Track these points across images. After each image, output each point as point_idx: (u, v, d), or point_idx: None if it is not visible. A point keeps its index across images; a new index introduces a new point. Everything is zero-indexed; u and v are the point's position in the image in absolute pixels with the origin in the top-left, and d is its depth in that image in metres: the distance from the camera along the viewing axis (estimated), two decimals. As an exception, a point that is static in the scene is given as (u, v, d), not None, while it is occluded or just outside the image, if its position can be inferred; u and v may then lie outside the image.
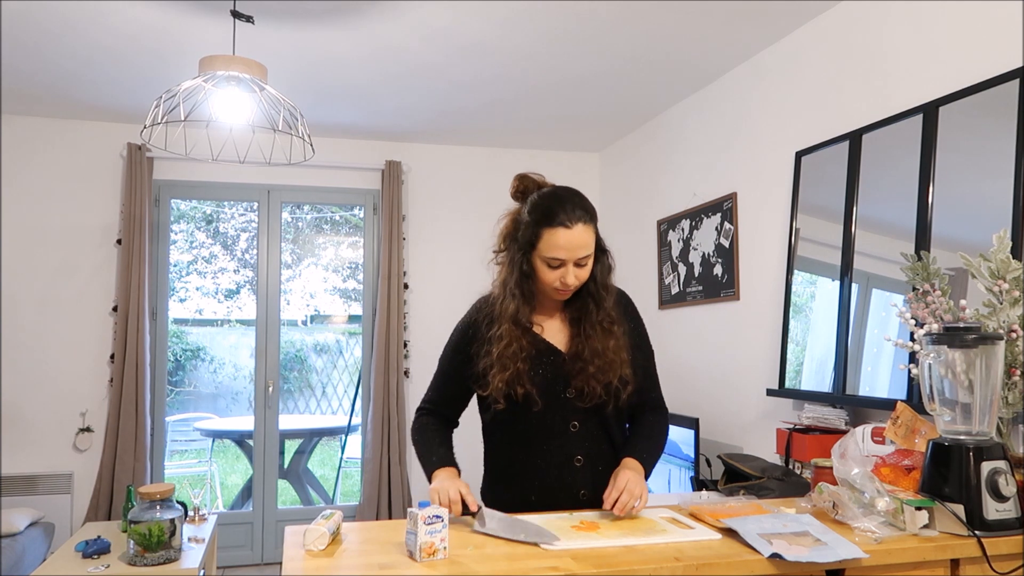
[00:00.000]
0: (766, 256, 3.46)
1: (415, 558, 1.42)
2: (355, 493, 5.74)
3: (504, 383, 1.76)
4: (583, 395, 1.81)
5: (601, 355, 1.79)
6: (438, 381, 1.97)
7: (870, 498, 1.65)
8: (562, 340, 1.86)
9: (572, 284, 1.76)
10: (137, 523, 2.91)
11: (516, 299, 1.78)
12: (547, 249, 1.74)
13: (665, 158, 4.43)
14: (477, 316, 1.88)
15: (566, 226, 1.72)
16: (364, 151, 4.99)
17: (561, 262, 1.74)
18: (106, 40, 3.37)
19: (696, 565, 1.40)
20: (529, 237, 1.76)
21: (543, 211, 1.75)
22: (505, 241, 1.85)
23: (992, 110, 2.32)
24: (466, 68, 3.74)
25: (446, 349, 1.95)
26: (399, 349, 4.80)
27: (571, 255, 1.73)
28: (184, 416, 6.53)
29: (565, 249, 1.73)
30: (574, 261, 1.74)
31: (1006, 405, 1.84)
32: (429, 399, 1.98)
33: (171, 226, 4.82)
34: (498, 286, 1.85)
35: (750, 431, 3.50)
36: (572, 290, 1.80)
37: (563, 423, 1.83)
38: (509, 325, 1.78)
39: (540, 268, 1.77)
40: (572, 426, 1.83)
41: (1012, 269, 1.86)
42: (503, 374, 1.76)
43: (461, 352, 1.89)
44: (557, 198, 1.77)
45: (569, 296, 1.83)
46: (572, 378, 1.81)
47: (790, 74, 3.33)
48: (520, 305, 1.79)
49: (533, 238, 1.75)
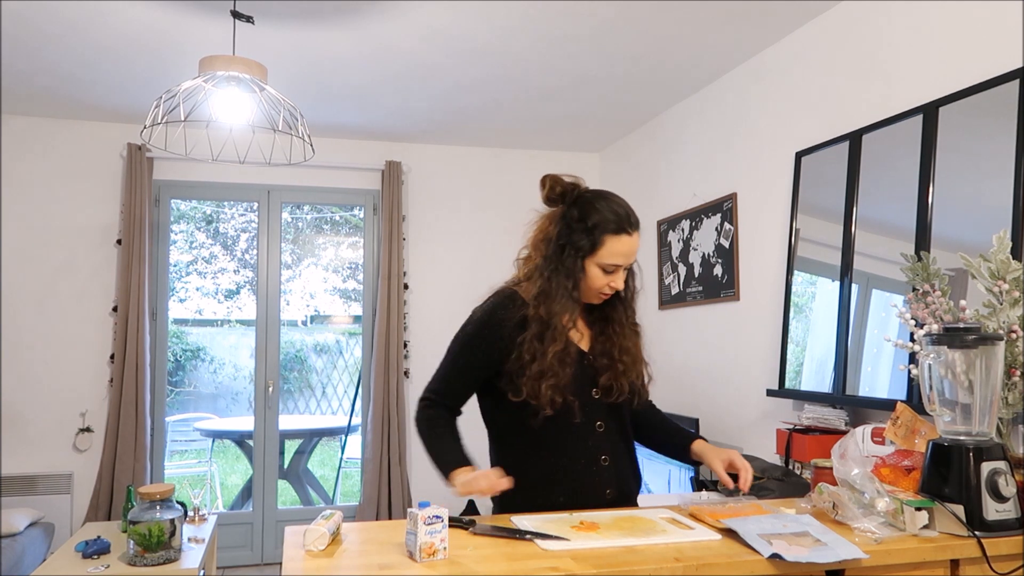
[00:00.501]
0: (766, 256, 3.46)
1: (415, 558, 1.42)
2: (355, 493, 5.74)
3: (551, 390, 1.73)
4: (610, 393, 1.83)
5: (629, 353, 1.84)
6: (448, 373, 1.87)
7: (870, 498, 1.65)
8: (585, 341, 1.87)
9: (619, 288, 1.80)
10: (137, 523, 2.91)
11: (575, 304, 1.77)
12: (608, 255, 1.75)
13: (665, 158, 4.44)
14: (503, 313, 1.80)
15: (629, 233, 1.76)
16: (364, 151, 4.99)
17: (616, 267, 1.77)
18: (106, 40, 3.37)
19: (696, 565, 1.40)
20: (590, 243, 1.75)
21: (609, 218, 1.75)
22: (547, 245, 1.80)
23: (992, 111, 2.32)
24: (466, 68, 3.74)
25: (460, 340, 1.85)
26: (399, 349, 4.80)
27: (627, 261, 1.78)
28: (184, 416, 6.53)
29: (625, 255, 1.76)
30: (625, 266, 1.79)
31: (1006, 405, 1.84)
32: (435, 390, 1.88)
33: (171, 226, 4.83)
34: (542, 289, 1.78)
35: (750, 431, 3.50)
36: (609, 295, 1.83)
37: (590, 423, 1.83)
38: (563, 329, 1.76)
39: (593, 273, 1.77)
40: (598, 426, 1.84)
41: (1012, 270, 1.86)
42: (553, 381, 1.73)
43: (480, 347, 1.82)
44: (615, 202, 1.78)
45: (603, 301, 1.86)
46: (599, 377, 1.83)
47: (790, 74, 3.33)
48: (576, 309, 1.78)
49: (594, 244, 1.75)
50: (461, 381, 1.88)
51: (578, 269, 1.77)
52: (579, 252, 1.76)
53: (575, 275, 1.76)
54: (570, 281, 1.76)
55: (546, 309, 1.75)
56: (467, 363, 1.85)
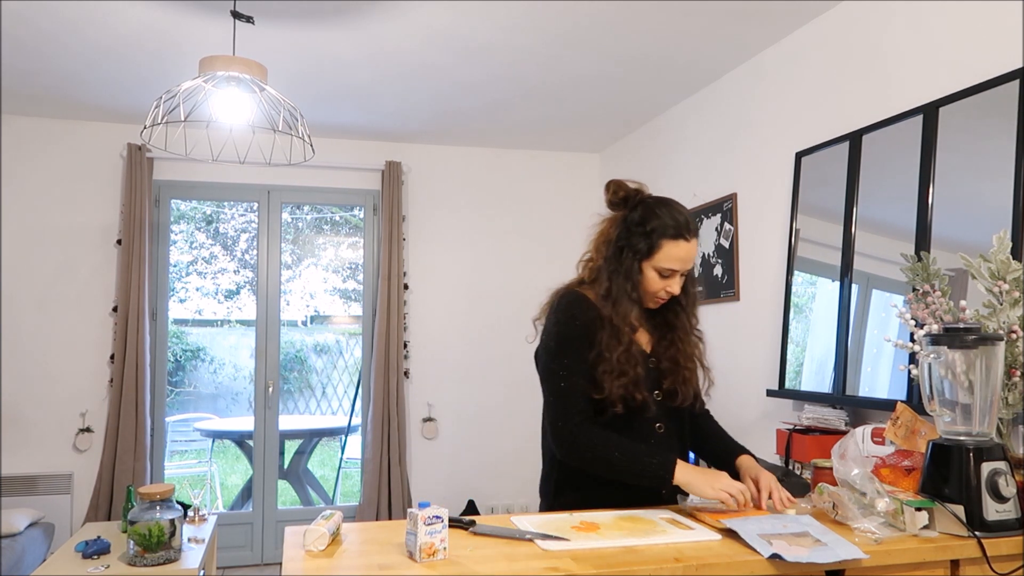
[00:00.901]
0: (766, 257, 3.46)
1: (415, 558, 1.42)
2: (355, 493, 5.74)
3: (622, 389, 1.76)
4: (673, 397, 1.88)
5: (692, 359, 1.91)
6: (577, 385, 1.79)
7: (870, 499, 1.65)
8: (645, 343, 1.90)
9: (676, 293, 1.84)
10: (137, 523, 2.91)
11: (635, 304, 1.81)
12: (665, 259, 1.79)
13: (665, 159, 4.44)
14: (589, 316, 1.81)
15: (686, 238, 1.80)
16: (364, 152, 4.99)
17: (672, 272, 1.81)
18: (106, 40, 3.37)
19: (696, 566, 1.40)
20: (648, 246, 1.79)
21: (664, 222, 1.80)
22: (608, 247, 1.85)
23: (992, 111, 2.32)
24: (466, 69, 3.74)
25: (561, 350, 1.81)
26: (399, 349, 4.80)
27: (684, 267, 1.82)
28: (184, 416, 6.53)
29: (681, 260, 1.80)
30: (682, 271, 1.82)
31: (1006, 406, 1.84)
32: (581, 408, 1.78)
33: (171, 226, 4.83)
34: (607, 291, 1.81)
35: (750, 432, 3.50)
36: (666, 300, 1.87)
37: (651, 425, 1.86)
38: (628, 331, 1.80)
39: (650, 276, 1.82)
40: (658, 427, 1.87)
41: (1012, 270, 1.86)
42: (622, 379, 1.76)
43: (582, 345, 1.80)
44: (675, 209, 1.83)
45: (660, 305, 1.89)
46: (662, 380, 1.87)
47: (790, 74, 3.33)
48: (638, 311, 1.83)
49: (652, 247, 1.79)
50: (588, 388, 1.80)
51: (636, 271, 1.81)
52: (636, 254, 1.81)
53: (633, 277, 1.81)
54: (629, 283, 1.81)
55: (614, 310, 1.80)
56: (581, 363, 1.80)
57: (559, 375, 1.80)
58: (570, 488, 1.87)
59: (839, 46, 3.03)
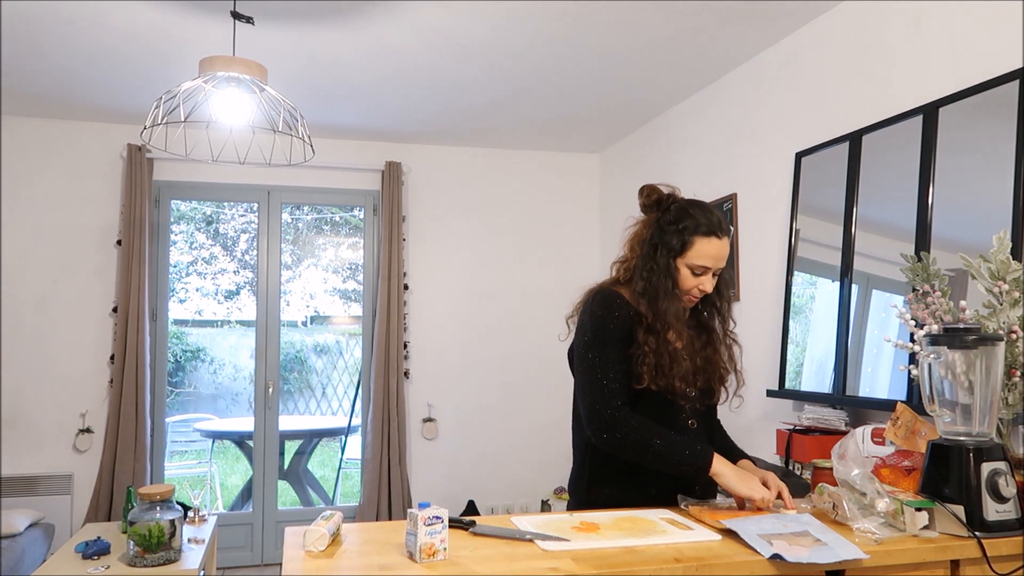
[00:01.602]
0: (766, 257, 3.46)
1: (415, 559, 1.42)
2: (355, 494, 5.74)
3: (681, 380, 1.81)
4: (708, 395, 1.92)
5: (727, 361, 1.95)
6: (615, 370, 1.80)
7: (870, 499, 1.65)
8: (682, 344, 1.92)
9: (708, 292, 1.87)
10: (137, 524, 2.91)
11: (676, 300, 1.84)
12: (696, 256, 1.83)
13: (665, 159, 4.43)
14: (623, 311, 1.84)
15: (718, 236, 1.84)
16: (364, 152, 4.99)
17: (705, 270, 1.85)
18: (106, 41, 3.37)
19: (696, 566, 1.40)
20: (680, 243, 1.84)
21: (697, 220, 1.85)
22: (642, 246, 1.90)
23: (992, 111, 2.32)
24: (466, 69, 3.74)
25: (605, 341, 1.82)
26: (399, 350, 4.80)
27: (716, 264, 1.85)
28: (184, 417, 6.53)
29: (713, 258, 1.84)
30: (715, 270, 1.86)
31: (1006, 406, 1.84)
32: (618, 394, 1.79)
33: (171, 227, 4.83)
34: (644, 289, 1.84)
35: (750, 432, 3.49)
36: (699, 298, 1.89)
37: (685, 422, 1.89)
38: (675, 323, 1.83)
39: (683, 274, 1.86)
40: (691, 424, 1.90)
41: (1012, 270, 1.86)
42: (680, 370, 1.81)
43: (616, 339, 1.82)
44: (707, 209, 1.88)
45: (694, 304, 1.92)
46: (698, 379, 1.89)
47: (790, 75, 3.33)
48: (679, 305, 1.85)
49: (684, 244, 1.84)
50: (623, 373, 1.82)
51: (671, 268, 1.85)
52: (670, 252, 1.85)
53: (671, 274, 1.85)
54: (668, 280, 1.84)
55: (653, 307, 1.82)
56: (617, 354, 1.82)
57: (596, 364, 1.81)
58: (602, 482, 1.89)
59: (839, 46, 3.03)
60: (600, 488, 1.89)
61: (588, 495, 1.91)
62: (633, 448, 1.76)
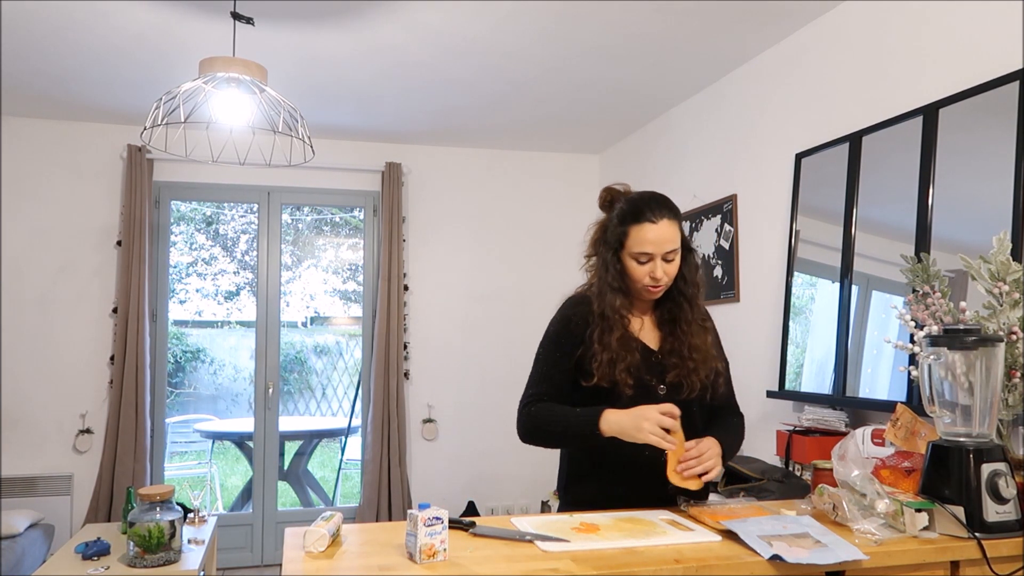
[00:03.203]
0: (766, 258, 3.46)
1: (415, 560, 1.42)
2: (355, 495, 5.74)
3: (624, 372, 1.81)
4: (679, 390, 1.87)
5: (699, 350, 1.90)
6: (544, 373, 1.92)
7: (870, 500, 1.65)
8: (653, 339, 1.93)
9: (661, 279, 1.84)
10: (137, 525, 2.91)
11: (618, 294, 1.86)
12: (635, 245, 1.83)
13: (665, 160, 4.44)
14: (572, 312, 1.92)
15: (652, 221, 1.82)
16: (364, 153, 4.99)
17: (649, 257, 1.83)
18: (106, 42, 3.37)
19: (696, 567, 1.40)
20: (618, 236, 1.86)
21: (630, 210, 1.86)
22: (595, 247, 1.95)
23: (992, 112, 2.32)
24: (467, 70, 3.74)
25: (546, 342, 1.94)
26: (399, 351, 4.80)
27: (658, 249, 1.82)
28: (184, 418, 6.53)
29: (653, 243, 1.82)
30: (661, 256, 1.82)
31: (1006, 407, 1.84)
32: (534, 393, 1.92)
33: (171, 228, 4.83)
34: (594, 287, 1.91)
35: (750, 433, 3.48)
36: (662, 287, 1.87)
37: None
38: (618, 317, 1.85)
39: (630, 266, 1.85)
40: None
41: (1012, 271, 1.86)
42: (624, 363, 1.82)
43: (563, 342, 1.90)
44: (642, 198, 1.88)
45: (659, 295, 1.90)
46: (666, 374, 1.88)
47: (790, 76, 3.33)
48: (623, 299, 1.87)
49: (622, 236, 1.85)
50: (559, 377, 1.91)
51: (615, 263, 1.87)
52: (612, 248, 1.87)
53: (613, 269, 1.87)
54: (610, 275, 1.87)
55: (600, 303, 1.87)
56: (558, 357, 1.92)
57: (541, 359, 1.94)
58: (577, 480, 1.93)
59: (839, 47, 3.03)
60: (577, 486, 1.92)
61: (567, 494, 1.96)
62: (538, 435, 1.88)
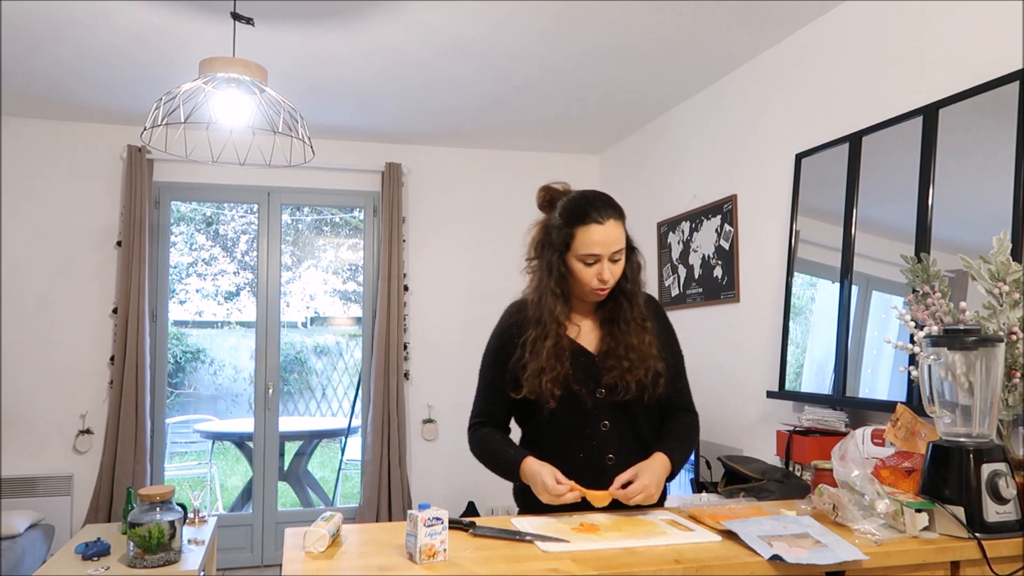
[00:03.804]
0: (766, 258, 3.46)
1: (415, 560, 1.42)
2: (355, 495, 5.74)
3: (551, 383, 1.79)
4: (615, 391, 1.84)
5: (635, 349, 1.84)
6: (484, 393, 1.97)
7: (870, 500, 1.65)
8: (592, 341, 1.90)
9: (608, 280, 1.81)
10: (137, 525, 2.91)
11: (558, 299, 1.83)
12: (582, 246, 1.79)
13: (665, 160, 4.44)
14: (510, 322, 1.92)
15: (599, 222, 1.78)
16: (364, 153, 4.99)
17: (597, 258, 1.79)
18: (106, 42, 3.37)
19: (696, 567, 1.40)
20: (564, 238, 1.81)
21: (575, 211, 1.81)
22: (537, 248, 1.91)
23: (992, 112, 2.32)
24: (467, 70, 3.74)
25: (484, 360, 1.96)
26: (399, 351, 4.80)
27: (606, 250, 1.79)
28: (184, 418, 6.53)
29: (600, 244, 1.78)
30: (608, 256, 1.79)
31: (1006, 407, 1.84)
32: (479, 412, 1.96)
33: (171, 228, 4.83)
34: (533, 291, 1.88)
35: (750, 433, 3.50)
36: (609, 288, 1.83)
37: (594, 423, 1.85)
38: (554, 326, 1.82)
39: (576, 267, 1.81)
40: (603, 425, 1.86)
41: (1012, 271, 1.86)
42: (552, 374, 1.79)
43: (499, 360, 1.91)
44: (586, 198, 1.83)
45: (606, 296, 1.86)
46: (603, 376, 1.85)
47: (790, 76, 3.33)
48: (561, 305, 1.84)
49: (568, 238, 1.81)
50: (497, 397, 1.93)
51: (560, 266, 1.83)
52: (557, 249, 1.83)
53: (557, 272, 1.82)
54: (552, 279, 1.83)
55: (538, 308, 1.83)
56: (495, 376, 1.92)
57: (481, 377, 1.96)
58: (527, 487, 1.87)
59: (839, 47, 3.03)
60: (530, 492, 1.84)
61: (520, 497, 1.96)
62: (480, 458, 1.92)
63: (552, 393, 1.79)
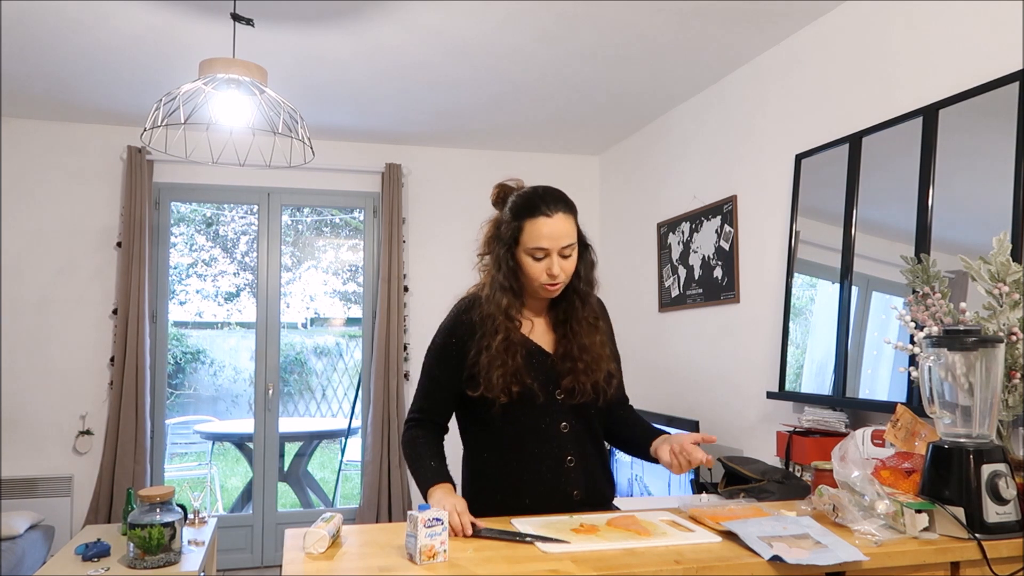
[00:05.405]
0: (766, 259, 3.46)
1: (415, 561, 1.42)
2: (355, 496, 5.74)
3: (502, 379, 1.75)
4: (573, 394, 1.82)
5: (588, 351, 1.83)
6: (426, 388, 1.90)
7: (870, 501, 1.65)
8: (548, 342, 1.88)
9: (558, 275, 1.77)
10: (137, 526, 2.90)
11: (507, 293, 1.80)
12: (530, 240, 1.75)
13: (665, 161, 4.44)
14: (463, 317, 1.86)
15: (547, 215, 1.75)
16: (364, 154, 4.99)
17: (546, 252, 1.75)
18: (106, 43, 3.37)
19: (696, 568, 1.40)
20: (512, 232, 1.78)
21: (524, 204, 1.78)
22: (488, 244, 1.88)
23: (992, 113, 2.32)
24: (466, 71, 3.74)
25: (430, 355, 1.90)
26: (399, 352, 4.80)
27: (554, 244, 1.75)
28: (184, 419, 6.53)
29: (548, 238, 1.74)
30: (558, 251, 1.76)
31: (1006, 408, 1.84)
32: (418, 408, 1.90)
33: (171, 229, 4.83)
34: (485, 286, 1.85)
35: (750, 434, 3.50)
36: (560, 284, 1.80)
37: (554, 424, 1.83)
38: (503, 320, 1.79)
39: (526, 263, 1.78)
40: (563, 427, 1.84)
41: (1012, 272, 1.86)
42: (502, 369, 1.75)
43: (447, 357, 1.85)
44: (536, 192, 1.81)
45: (558, 293, 1.83)
46: (561, 378, 1.83)
47: (790, 77, 3.33)
48: (511, 299, 1.80)
49: (516, 232, 1.77)
50: (440, 394, 1.88)
51: (509, 260, 1.80)
52: (506, 244, 1.80)
53: (506, 267, 1.80)
54: (501, 273, 1.80)
55: (488, 303, 1.81)
56: (440, 374, 1.87)
57: (425, 373, 1.91)
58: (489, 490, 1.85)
59: (839, 48, 3.03)
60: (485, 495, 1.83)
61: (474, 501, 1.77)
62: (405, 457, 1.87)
63: (504, 389, 1.75)
